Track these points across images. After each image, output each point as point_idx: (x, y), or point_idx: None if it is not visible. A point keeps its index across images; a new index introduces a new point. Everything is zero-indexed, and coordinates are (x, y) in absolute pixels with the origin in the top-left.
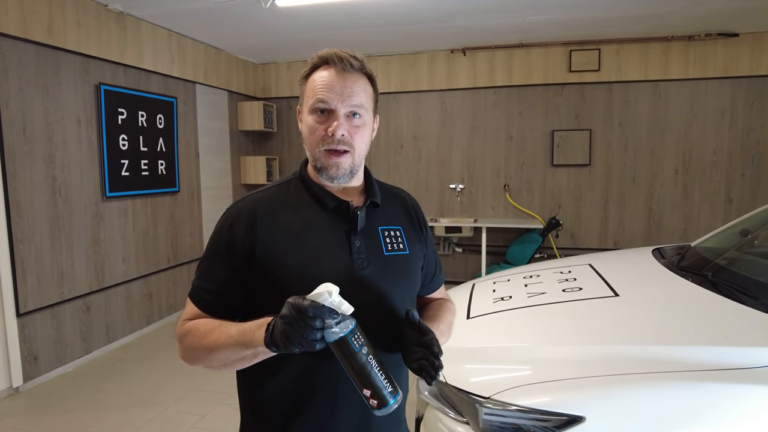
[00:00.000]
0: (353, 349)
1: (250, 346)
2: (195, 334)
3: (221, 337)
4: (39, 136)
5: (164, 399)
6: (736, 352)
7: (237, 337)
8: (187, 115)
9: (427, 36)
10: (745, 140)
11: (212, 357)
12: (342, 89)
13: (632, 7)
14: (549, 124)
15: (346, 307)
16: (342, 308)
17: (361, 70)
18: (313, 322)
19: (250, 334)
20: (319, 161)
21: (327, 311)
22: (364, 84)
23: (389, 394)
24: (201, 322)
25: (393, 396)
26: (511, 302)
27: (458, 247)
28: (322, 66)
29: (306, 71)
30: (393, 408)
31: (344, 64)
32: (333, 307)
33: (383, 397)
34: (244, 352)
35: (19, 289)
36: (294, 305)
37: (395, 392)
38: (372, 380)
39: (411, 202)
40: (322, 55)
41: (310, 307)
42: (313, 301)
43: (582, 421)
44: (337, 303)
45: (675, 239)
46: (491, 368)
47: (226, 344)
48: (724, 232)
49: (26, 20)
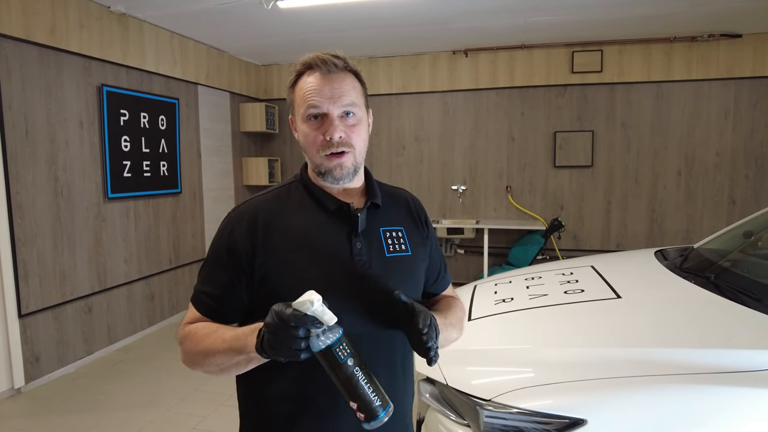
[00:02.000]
0: (338, 360)
1: (243, 351)
2: (193, 338)
3: (216, 342)
4: (41, 138)
5: (166, 400)
6: (739, 354)
7: (231, 342)
8: (189, 116)
9: (429, 37)
10: (748, 141)
11: (208, 361)
12: (331, 91)
13: (635, 8)
14: (551, 125)
15: (329, 317)
16: (324, 318)
17: (345, 69)
18: (295, 332)
19: (243, 340)
20: (321, 166)
21: (310, 320)
22: (352, 81)
23: (378, 407)
24: (200, 326)
25: (383, 409)
26: (513, 304)
27: (460, 249)
28: (307, 72)
29: (291, 80)
30: (383, 421)
31: (328, 66)
32: (315, 316)
33: (372, 410)
34: (237, 357)
35: (21, 290)
36: (276, 313)
37: (385, 405)
38: (359, 392)
39: (413, 202)
40: (304, 61)
41: (291, 316)
42: (295, 310)
43: (584, 424)
44: (320, 312)
45: (678, 241)
46: (493, 370)
47: (220, 349)
48: (727, 233)
49: (29, 22)
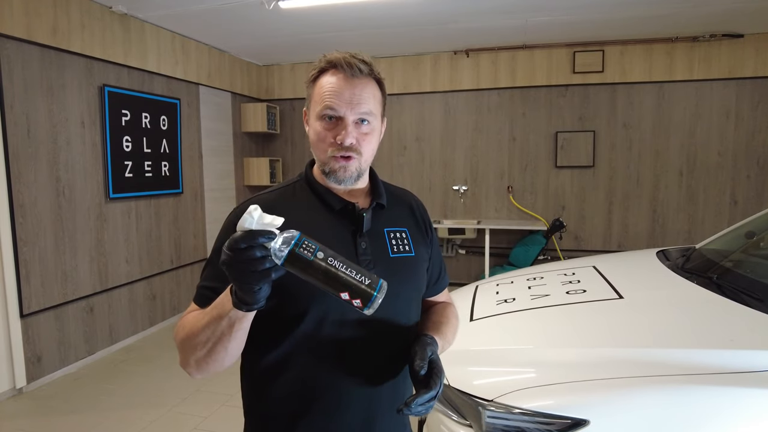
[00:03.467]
0: (308, 259)
1: (223, 315)
2: (183, 326)
3: (198, 318)
4: (43, 138)
5: (167, 400)
6: (741, 355)
7: (210, 312)
8: (191, 116)
9: (430, 37)
10: (750, 141)
11: (196, 342)
12: (351, 96)
13: (636, 9)
14: (552, 126)
15: (274, 220)
16: (274, 223)
17: (369, 75)
18: (252, 252)
19: (220, 305)
20: (327, 166)
21: (259, 234)
22: (373, 89)
23: (368, 287)
24: (189, 316)
25: (374, 287)
26: (515, 304)
27: (461, 249)
28: (330, 70)
29: (313, 74)
30: (380, 299)
31: (353, 70)
32: (263, 228)
33: (363, 291)
34: (220, 324)
35: (23, 290)
36: (226, 245)
37: (375, 282)
38: (342, 280)
39: (417, 204)
40: (330, 59)
41: (239, 239)
42: (242, 231)
43: (586, 424)
44: (268, 221)
45: (679, 241)
46: (494, 371)
47: (203, 323)
48: (729, 234)
49: (31, 22)
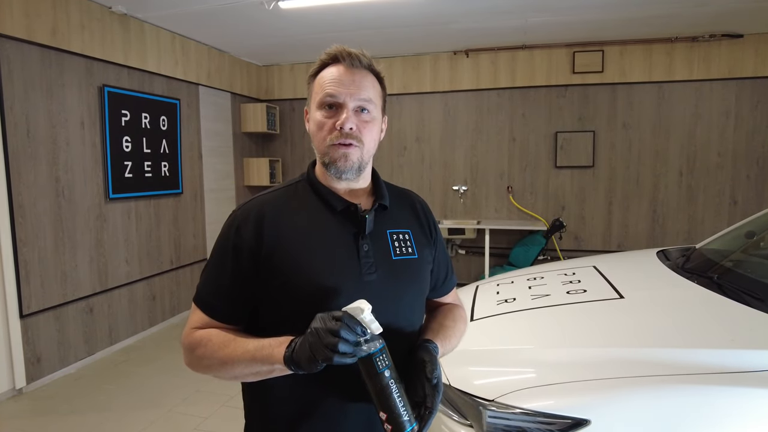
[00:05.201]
0: (377, 370)
1: (267, 362)
2: (208, 345)
3: (236, 351)
4: (43, 138)
5: (167, 401)
6: (742, 354)
7: (254, 353)
8: (191, 116)
9: (430, 38)
10: (750, 142)
11: (225, 369)
12: (351, 83)
13: (636, 9)
14: (552, 126)
15: (376, 326)
16: (372, 327)
17: (369, 68)
18: (347, 335)
19: (269, 350)
20: (327, 155)
21: (359, 327)
22: (373, 81)
23: (406, 421)
24: (213, 333)
25: (409, 425)
26: (515, 304)
27: (461, 249)
28: (331, 63)
29: (314, 69)
30: None
31: (353, 60)
32: (364, 324)
33: (400, 423)
34: (259, 367)
35: (22, 290)
36: (329, 317)
37: (412, 421)
38: (390, 404)
39: (420, 204)
40: (330, 52)
41: (344, 318)
42: (349, 314)
43: (587, 424)
44: (368, 321)
45: (679, 241)
46: (495, 371)
47: (241, 359)
48: (729, 233)
49: (31, 22)
